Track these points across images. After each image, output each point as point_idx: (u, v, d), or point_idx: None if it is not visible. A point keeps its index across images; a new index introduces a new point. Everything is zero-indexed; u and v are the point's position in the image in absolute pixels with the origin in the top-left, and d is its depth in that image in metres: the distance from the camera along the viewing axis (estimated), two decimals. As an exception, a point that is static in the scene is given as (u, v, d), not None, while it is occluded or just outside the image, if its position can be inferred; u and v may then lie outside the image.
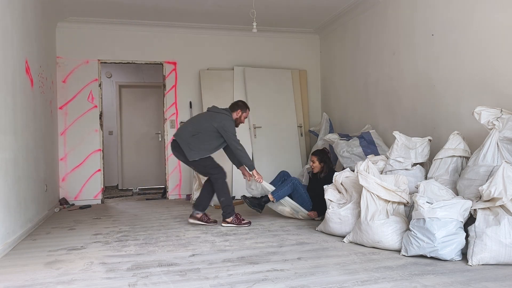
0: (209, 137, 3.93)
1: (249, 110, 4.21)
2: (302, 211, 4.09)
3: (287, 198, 4.05)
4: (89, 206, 5.41)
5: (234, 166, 4.44)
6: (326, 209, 3.52)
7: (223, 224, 3.95)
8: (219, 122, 3.92)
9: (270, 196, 4.00)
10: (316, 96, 6.58)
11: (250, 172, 4.03)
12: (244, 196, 4.15)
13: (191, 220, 4.03)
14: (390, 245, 2.94)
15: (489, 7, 3.34)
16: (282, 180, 4.26)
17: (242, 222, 3.94)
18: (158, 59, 5.97)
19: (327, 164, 4.32)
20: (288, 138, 6.08)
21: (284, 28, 6.23)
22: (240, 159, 3.99)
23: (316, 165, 4.30)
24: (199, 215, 4.02)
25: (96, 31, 5.71)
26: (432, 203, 2.76)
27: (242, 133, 5.92)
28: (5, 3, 3.38)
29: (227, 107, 4.15)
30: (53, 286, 2.39)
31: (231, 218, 3.94)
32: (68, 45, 5.60)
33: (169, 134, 5.99)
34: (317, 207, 4.08)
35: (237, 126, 4.11)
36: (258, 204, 4.05)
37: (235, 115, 4.09)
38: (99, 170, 5.72)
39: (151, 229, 3.91)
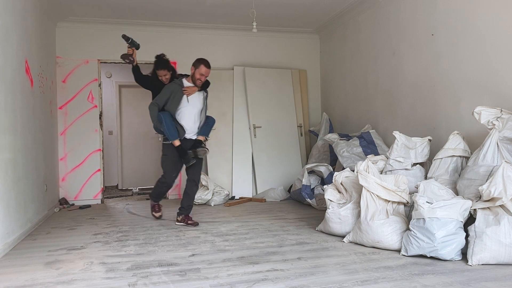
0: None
1: (204, 65, 3.92)
2: None
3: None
4: (89, 206, 5.41)
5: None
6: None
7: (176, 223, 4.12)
8: None
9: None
10: (316, 96, 6.58)
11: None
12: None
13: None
14: (390, 245, 2.94)
15: (489, 7, 3.34)
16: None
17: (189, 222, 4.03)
18: (158, 59, 5.96)
19: (174, 71, 4.39)
20: (288, 138, 6.08)
21: (284, 28, 6.23)
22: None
23: (168, 77, 4.32)
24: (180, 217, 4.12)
25: (96, 31, 5.71)
26: (432, 203, 2.76)
27: (242, 133, 5.93)
28: (5, 3, 3.38)
29: None
30: (53, 286, 2.39)
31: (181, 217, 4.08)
32: (68, 45, 5.60)
33: (169, 134, 5.98)
34: None
35: (198, 86, 4.00)
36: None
37: (191, 74, 4.00)
38: (99, 170, 5.72)
39: (151, 229, 3.91)
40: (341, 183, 3.52)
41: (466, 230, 2.73)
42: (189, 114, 4.02)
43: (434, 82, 3.97)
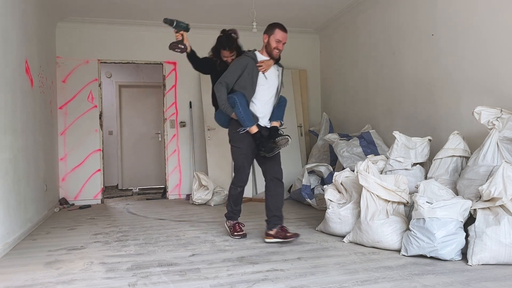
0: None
1: (280, 29, 3.21)
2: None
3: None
4: (89, 206, 5.42)
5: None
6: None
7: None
8: None
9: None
10: (316, 96, 6.58)
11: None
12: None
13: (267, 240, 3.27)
14: (390, 245, 2.94)
15: (489, 7, 3.34)
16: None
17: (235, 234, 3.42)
18: (158, 59, 5.97)
19: (240, 52, 3.53)
20: (288, 138, 6.07)
21: (284, 28, 6.22)
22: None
23: (235, 58, 3.49)
24: (273, 231, 3.26)
25: (96, 31, 5.71)
26: (432, 203, 2.76)
27: (242, 133, 5.92)
28: (5, 3, 3.38)
29: None
30: (53, 286, 2.39)
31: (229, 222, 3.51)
32: (68, 45, 5.60)
33: (169, 134, 5.99)
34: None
35: (275, 57, 3.34)
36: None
37: (264, 43, 3.28)
38: (99, 170, 5.72)
39: (151, 229, 3.91)
40: (341, 183, 3.52)
41: (466, 230, 2.73)
42: (265, 96, 3.30)
43: (434, 82, 3.97)
